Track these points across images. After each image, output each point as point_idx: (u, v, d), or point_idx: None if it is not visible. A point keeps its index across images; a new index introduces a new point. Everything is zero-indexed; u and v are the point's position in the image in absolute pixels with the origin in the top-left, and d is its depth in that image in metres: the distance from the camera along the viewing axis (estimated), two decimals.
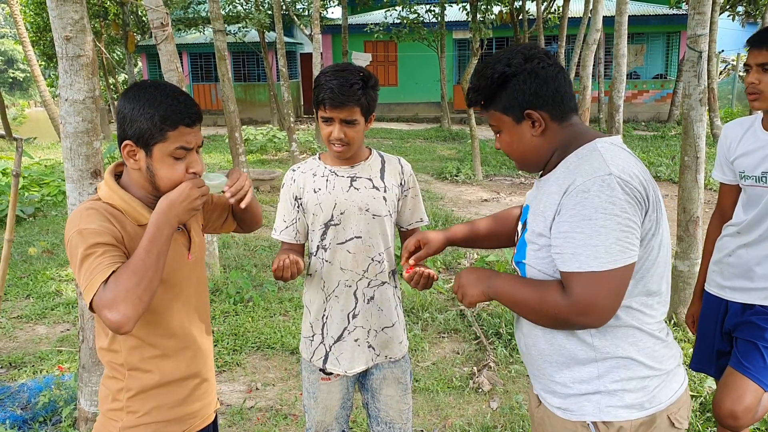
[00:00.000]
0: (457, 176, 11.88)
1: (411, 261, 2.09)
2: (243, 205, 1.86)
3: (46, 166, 12.56)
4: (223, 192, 1.84)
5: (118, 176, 1.85)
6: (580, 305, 1.53)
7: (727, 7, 18.11)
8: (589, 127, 1.75)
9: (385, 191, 2.35)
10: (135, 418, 1.84)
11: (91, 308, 1.59)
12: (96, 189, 3.20)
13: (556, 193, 1.62)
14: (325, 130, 2.23)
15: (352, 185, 2.32)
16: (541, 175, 1.78)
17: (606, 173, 1.54)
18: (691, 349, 3.01)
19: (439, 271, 6.39)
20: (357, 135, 2.23)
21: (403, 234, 2.53)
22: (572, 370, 1.68)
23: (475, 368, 4.36)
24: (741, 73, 22.20)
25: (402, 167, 2.43)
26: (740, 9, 18.90)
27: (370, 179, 2.34)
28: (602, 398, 1.65)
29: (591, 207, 1.52)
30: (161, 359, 1.85)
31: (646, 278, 1.62)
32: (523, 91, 1.66)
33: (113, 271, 1.58)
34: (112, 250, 1.63)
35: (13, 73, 58.68)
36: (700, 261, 3.02)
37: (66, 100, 3.16)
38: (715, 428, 3.38)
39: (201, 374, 1.96)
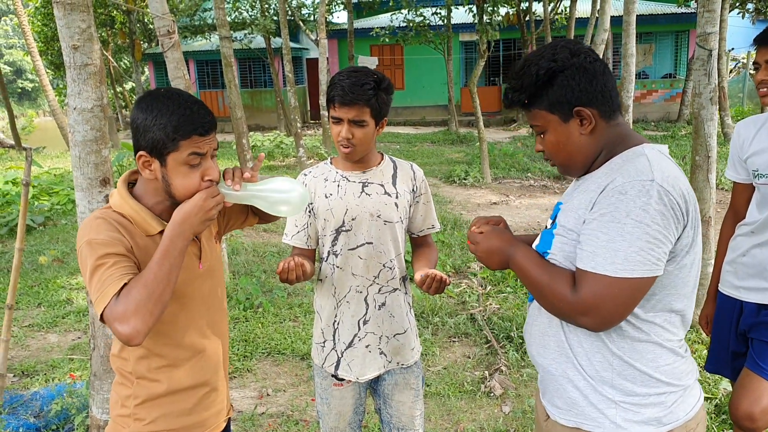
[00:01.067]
0: (465, 179, 11.85)
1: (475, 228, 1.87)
2: (247, 174, 1.78)
3: (55, 175, 12.63)
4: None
5: (132, 184, 1.84)
6: (584, 305, 1.49)
7: (737, 4, 18.01)
8: (637, 133, 1.68)
9: (396, 197, 2.33)
10: (142, 426, 1.83)
11: (102, 319, 1.58)
12: (106, 197, 3.22)
13: (594, 191, 1.56)
14: (334, 130, 2.22)
15: (363, 191, 2.30)
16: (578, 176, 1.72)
17: (648, 179, 1.47)
18: (706, 351, 2.98)
19: (449, 275, 6.36)
20: (365, 137, 2.21)
21: (414, 240, 2.51)
22: (588, 382, 1.63)
23: (486, 372, 4.33)
24: (751, 71, 22.08)
25: (414, 173, 2.41)
26: (750, 6, 18.78)
27: (381, 185, 2.33)
28: (618, 412, 1.60)
29: (623, 210, 1.47)
30: (169, 369, 1.83)
31: (673, 295, 1.57)
32: (572, 87, 1.58)
33: (125, 284, 1.58)
34: (123, 261, 1.62)
35: (21, 83, 59.09)
36: (713, 261, 2.99)
37: (74, 108, 3.16)
38: (731, 430, 3.35)
39: (210, 383, 1.94)
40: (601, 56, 1.69)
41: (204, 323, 1.92)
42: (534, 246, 1.78)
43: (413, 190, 2.39)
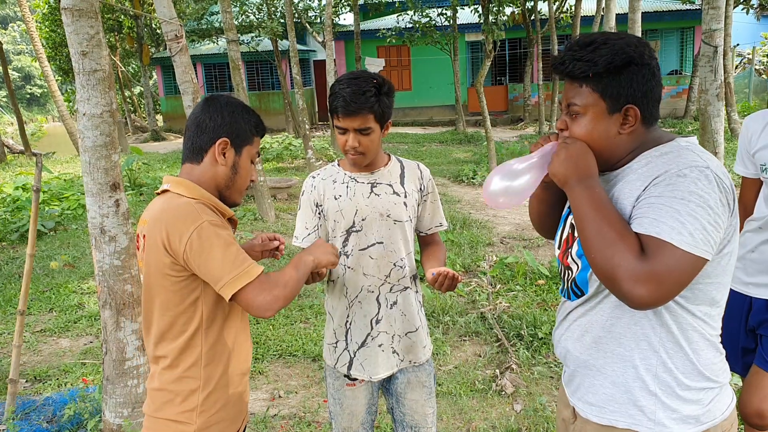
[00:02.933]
0: (473, 179, 11.85)
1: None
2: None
3: (65, 180, 12.70)
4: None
5: None
6: (648, 275, 1.39)
7: (741, 0, 17.94)
8: (667, 131, 1.66)
9: (405, 197, 2.34)
10: (207, 417, 1.87)
11: (235, 295, 1.72)
12: (117, 202, 3.25)
13: (639, 180, 1.52)
14: (341, 139, 2.23)
15: (372, 191, 2.32)
16: (606, 171, 1.66)
17: (704, 166, 1.46)
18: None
19: (459, 274, 6.35)
20: (372, 143, 2.22)
21: (422, 239, 2.53)
22: (629, 369, 1.59)
23: (497, 371, 4.34)
24: (757, 67, 21.99)
25: (421, 172, 2.43)
26: (755, 2, 18.71)
27: (390, 185, 2.34)
28: (657, 409, 1.57)
29: (686, 190, 1.42)
30: (230, 354, 1.93)
31: (714, 285, 1.54)
32: (638, 84, 1.54)
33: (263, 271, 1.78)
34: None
35: (30, 89, 59.45)
36: None
37: (84, 114, 3.19)
38: (741, 426, 3.34)
39: (249, 371, 2.06)
40: None
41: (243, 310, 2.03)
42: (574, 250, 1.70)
43: (421, 189, 2.41)
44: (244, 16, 20.86)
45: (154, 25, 24.00)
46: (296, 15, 19.74)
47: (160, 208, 1.82)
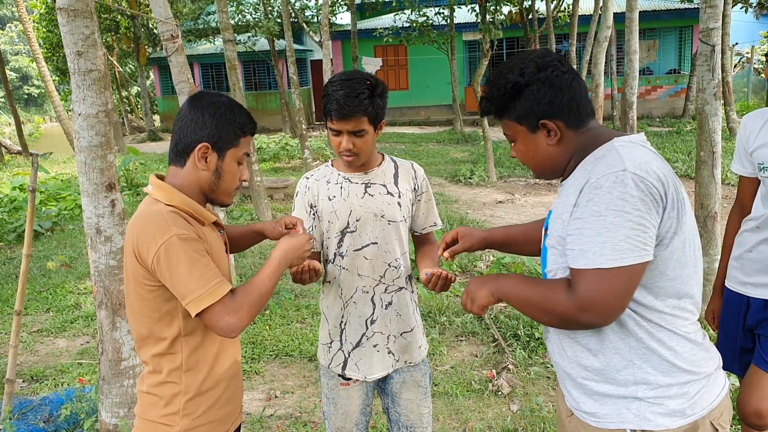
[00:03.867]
0: (470, 179, 11.85)
1: (446, 254, 2.07)
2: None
3: (62, 180, 12.69)
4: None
5: None
6: (585, 302, 1.50)
7: None
8: (609, 128, 1.72)
9: (399, 197, 2.34)
10: (191, 420, 1.87)
11: (199, 314, 1.69)
12: (112, 202, 3.24)
13: (572, 194, 1.59)
14: (334, 141, 2.22)
15: (366, 192, 2.31)
16: (562, 180, 1.75)
17: (620, 169, 1.50)
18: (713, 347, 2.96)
19: (455, 274, 6.35)
20: (366, 145, 2.22)
21: (417, 238, 2.52)
22: (609, 376, 1.63)
23: (494, 371, 4.33)
24: (756, 66, 22.01)
25: (415, 172, 2.42)
26: (753, 1, 18.73)
27: (384, 185, 2.33)
28: (642, 405, 1.60)
29: (602, 203, 1.49)
30: (215, 358, 1.91)
31: (675, 279, 1.58)
32: (538, 101, 1.63)
33: (232, 289, 1.75)
34: (211, 260, 1.76)
35: (27, 89, 59.34)
36: (719, 257, 2.98)
37: (79, 114, 3.18)
38: (739, 426, 3.34)
39: (239, 374, 2.04)
40: (604, 53, 1.72)
41: None
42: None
43: (415, 188, 2.40)
44: (240, 16, 20.85)
45: (150, 25, 23.97)
46: (293, 14, 19.71)
47: (136, 215, 1.81)
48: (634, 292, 1.53)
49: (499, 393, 4.04)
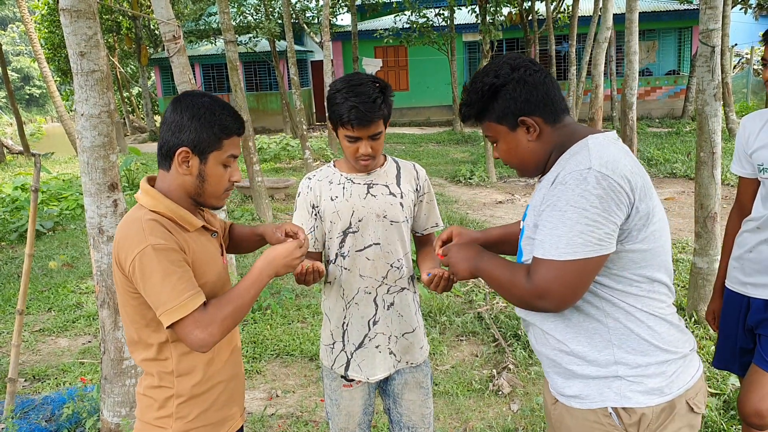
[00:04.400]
0: (470, 179, 11.86)
1: (440, 251, 2.07)
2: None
3: (63, 180, 12.71)
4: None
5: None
6: (537, 290, 1.61)
7: (739, 0, 17.96)
8: (584, 126, 1.81)
9: (401, 197, 2.35)
10: (184, 424, 1.87)
11: (171, 326, 1.66)
12: (115, 202, 3.25)
13: (545, 187, 1.68)
14: (351, 148, 2.22)
15: (369, 192, 2.32)
16: (540, 177, 1.83)
17: (586, 167, 1.58)
18: (713, 347, 2.98)
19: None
20: (381, 146, 2.26)
21: (418, 239, 2.53)
22: (591, 358, 1.70)
23: (494, 371, 4.35)
24: (755, 67, 22.00)
25: (417, 173, 2.44)
26: (753, 2, 18.74)
27: (386, 186, 2.34)
28: (622, 384, 1.67)
29: (564, 199, 1.58)
30: (208, 362, 1.89)
31: (647, 267, 1.66)
32: (515, 99, 1.71)
33: (205, 301, 1.70)
34: (189, 270, 1.73)
35: (29, 89, 59.38)
36: (719, 257, 2.99)
37: (82, 114, 3.19)
38: (739, 426, 3.35)
39: (239, 375, 2.03)
40: (604, 54, 1.77)
41: None
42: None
43: (417, 189, 2.42)
44: (241, 17, 20.85)
45: (152, 26, 23.98)
46: (294, 15, 19.73)
47: (121, 221, 1.80)
48: (590, 282, 1.62)
49: (500, 393, 4.05)
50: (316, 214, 2.37)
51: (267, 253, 1.86)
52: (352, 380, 2.41)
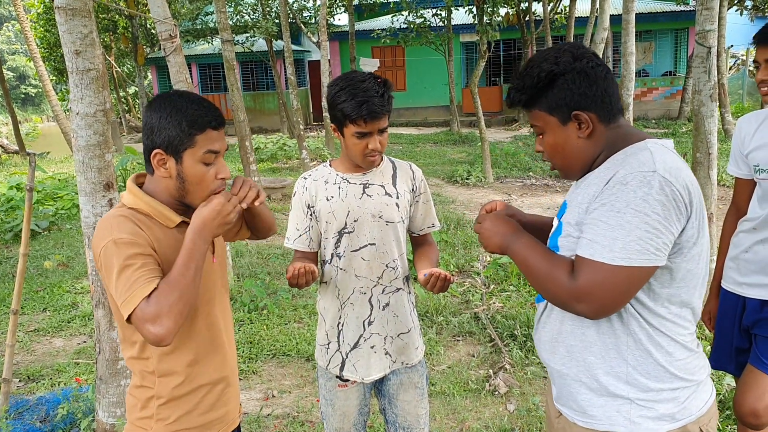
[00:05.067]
0: (468, 179, 11.85)
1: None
2: (257, 203, 1.84)
3: (59, 179, 12.67)
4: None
5: (139, 187, 1.86)
6: (580, 292, 1.51)
7: (736, 1, 18.00)
8: (640, 129, 1.70)
9: (397, 197, 2.34)
10: (164, 425, 1.85)
11: (128, 320, 1.61)
12: (110, 201, 3.25)
13: (597, 185, 1.58)
14: (360, 144, 2.20)
15: (364, 192, 2.31)
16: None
17: (650, 170, 1.48)
18: (709, 347, 2.98)
19: (452, 274, 6.36)
20: (387, 140, 2.26)
21: (415, 239, 2.52)
22: (602, 382, 1.63)
23: (490, 371, 4.34)
24: (751, 68, 22.04)
25: (413, 173, 2.43)
26: (748, 3, 18.77)
27: (382, 186, 2.34)
28: (632, 409, 1.61)
29: (624, 200, 1.48)
30: (191, 365, 1.86)
31: (683, 288, 1.57)
32: (572, 91, 1.60)
33: (154, 288, 1.61)
34: (150, 263, 1.66)
35: (25, 88, 59.23)
36: (716, 258, 2.99)
37: (77, 113, 3.18)
38: (735, 426, 3.35)
39: (227, 379, 1.98)
40: (601, 55, 1.71)
41: (220, 316, 1.95)
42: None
43: (413, 189, 2.41)
44: (239, 17, 20.82)
45: (148, 25, 23.93)
46: (291, 15, 19.73)
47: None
48: (635, 293, 1.52)
49: (496, 393, 4.05)
50: (311, 215, 2.36)
51: (194, 219, 1.71)
52: (347, 380, 2.40)
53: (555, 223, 1.78)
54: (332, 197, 2.31)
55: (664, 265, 1.51)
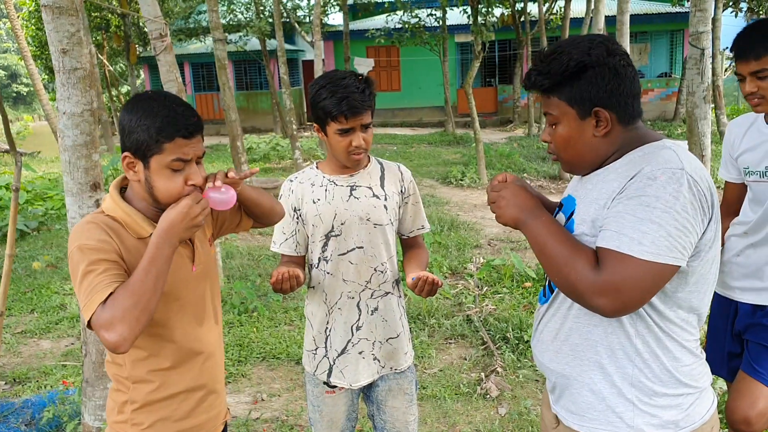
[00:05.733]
0: (462, 180, 11.84)
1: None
2: (234, 175, 1.77)
3: (49, 179, 12.60)
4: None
5: (124, 189, 1.84)
6: (605, 285, 1.42)
7: (731, 3, 18.04)
8: (655, 131, 1.64)
9: (385, 199, 2.30)
10: (139, 431, 1.82)
11: (89, 326, 1.57)
12: (97, 202, 3.20)
13: (615, 180, 1.52)
14: (344, 142, 2.16)
15: (352, 194, 2.27)
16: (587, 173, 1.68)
17: (678, 167, 1.44)
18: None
19: (445, 277, 6.34)
20: (371, 138, 2.22)
21: (404, 242, 2.49)
22: (607, 382, 1.60)
23: (482, 374, 4.31)
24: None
25: (402, 174, 2.39)
26: (743, 5, 18.81)
27: (370, 187, 2.30)
28: (635, 414, 1.57)
29: (653, 195, 1.42)
30: (166, 372, 1.82)
31: (695, 293, 1.54)
32: (599, 86, 1.54)
33: (112, 292, 1.57)
34: (113, 268, 1.62)
35: (16, 87, 59.00)
36: None
37: (64, 113, 3.13)
38: (726, 429, 3.32)
39: (207, 386, 1.93)
40: None
41: (200, 325, 1.91)
42: None
43: (401, 191, 2.37)
44: (232, 15, 20.77)
45: (141, 24, 23.84)
46: (285, 14, 19.66)
47: None
48: (655, 293, 1.47)
49: (488, 396, 4.01)
50: (298, 218, 2.32)
51: (160, 223, 1.65)
52: (335, 387, 2.36)
53: (560, 218, 1.71)
54: (319, 200, 2.27)
55: (683, 267, 1.47)
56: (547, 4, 18.20)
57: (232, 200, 1.75)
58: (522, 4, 17.87)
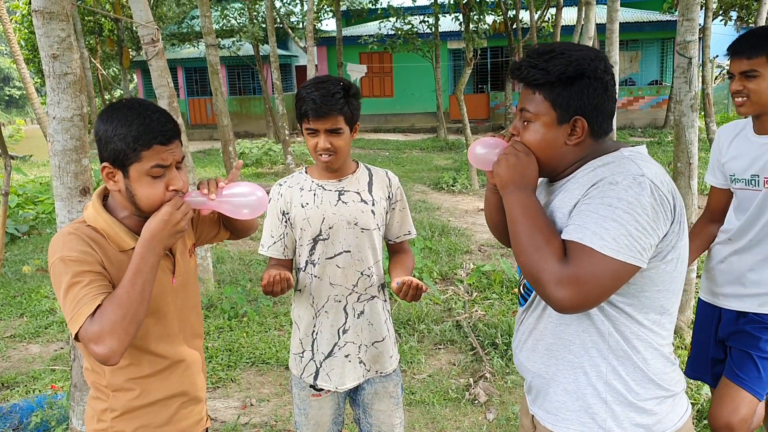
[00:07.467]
0: (453, 186, 11.87)
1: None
2: (222, 184, 1.78)
3: (41, 183, 12.55)
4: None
5: (106, 197, 1.83)
6: (569, 277, 1.44)
7: (720, 12, 18.19)
8: (621, 140, 1.70)
9: (373, 204, 2.33)
10: None
11: (76, 338, 1.58)
12: (86, 207, 3.20)
13: (578, 189, 1.55)
14: (311, 142, 2.22)
15: (340, 199, 2.30)
16: (552, 181, 1.71)
17: (639, 174, 1.48)
18: (687, 357, 2.98)
19: (435, 282, 6.36)
20: (343, 144, 2.22)
21: (391, 247, 2.51)
22: (580, 382, 1.61)
23: (471, 379, 4.33)
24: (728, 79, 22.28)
25: (390, 180, 2.41)
26: (733, 14, 18.98)
27: (358, 192, 2.32)
28: (608, 417, 1.59)
29: (615, 197, 1.45)
30: (145, 380, 1.83)
31: (662, 292, 1.56)
32: (588, 97, 1.56)
33: (99, 304, 1.57)
34: (98, 280, 1.63)
35: (9, 90, 58.79)
36: (695, 267, 3.00)
37: (54, 117, 3.14)
38: None
39: (188, 393, 1.94)
40: None
41: (179, 335, 1.91)
42: None
43: (389, 196, 2.39)
44: (225, 21, 20.77)
45: (134, 28, 23.82)
46: (278, 20, 19.69)
47: None
48: (614, 292, 1.49)
49: (476, 402, 4.03)
50: (286, 221, 2.34)
51: (143, 232, 1.66)
52: (321, 390, 2.38)
53: None
54: (307, 204, 2.29)
55: (645, 268, 1.49)
56: (538, 12, 18.29)
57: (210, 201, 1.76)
58: (514, 12, 17.94)
